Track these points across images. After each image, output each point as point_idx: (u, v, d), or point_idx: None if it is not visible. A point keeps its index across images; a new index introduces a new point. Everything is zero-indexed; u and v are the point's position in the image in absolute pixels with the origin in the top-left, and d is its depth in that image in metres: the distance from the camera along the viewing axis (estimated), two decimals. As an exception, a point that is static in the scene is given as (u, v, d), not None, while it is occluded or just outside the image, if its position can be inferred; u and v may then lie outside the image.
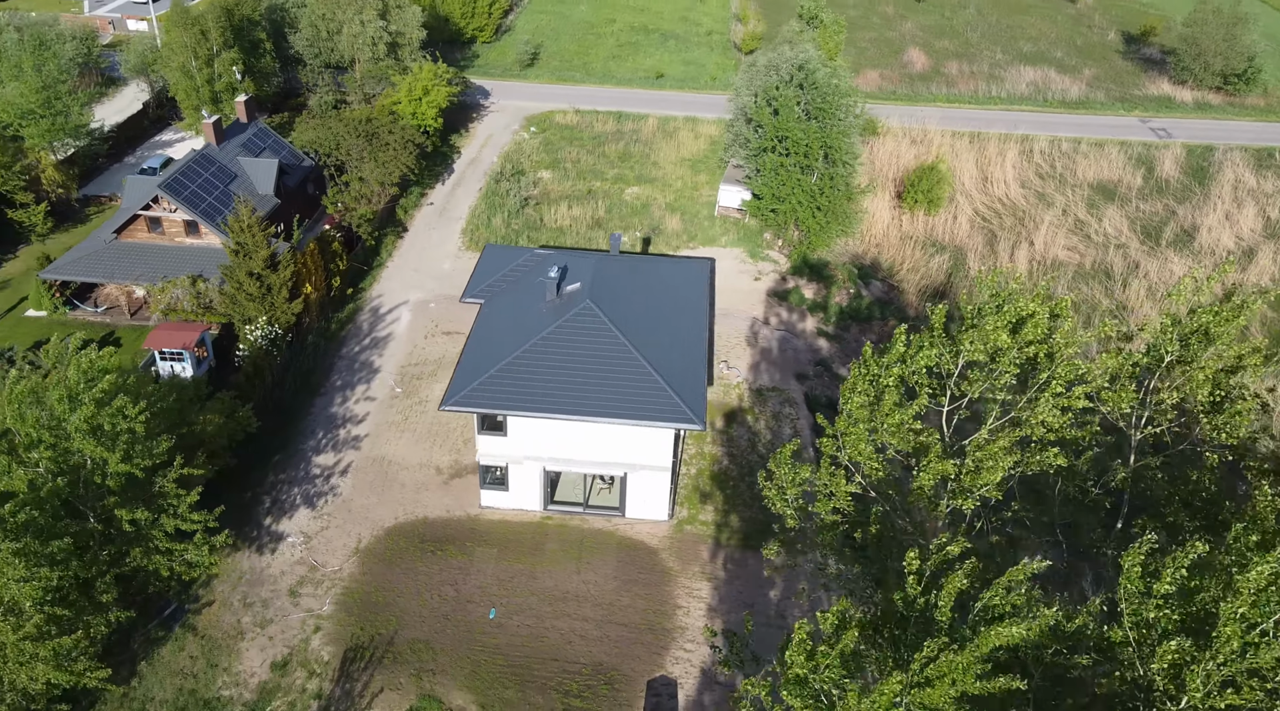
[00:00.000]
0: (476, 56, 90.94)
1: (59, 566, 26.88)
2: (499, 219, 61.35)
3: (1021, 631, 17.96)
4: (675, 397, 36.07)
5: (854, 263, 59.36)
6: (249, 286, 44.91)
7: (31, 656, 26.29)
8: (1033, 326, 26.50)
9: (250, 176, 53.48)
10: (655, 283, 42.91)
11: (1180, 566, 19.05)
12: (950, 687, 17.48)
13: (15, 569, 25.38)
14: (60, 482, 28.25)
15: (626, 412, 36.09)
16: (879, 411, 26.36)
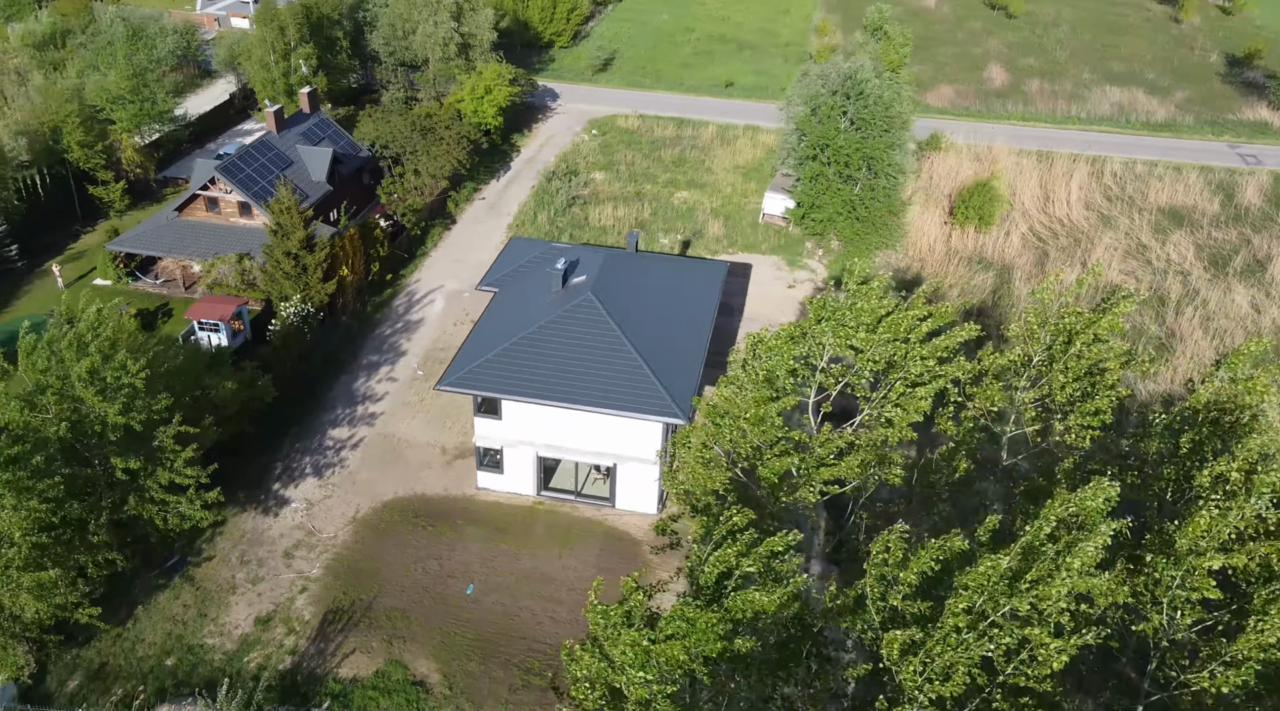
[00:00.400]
0: (553, 60, 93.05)
1: (50, 503, 29.02)
2: (544, 216, 62.76)
3: (764, 599, 17.90)
4: (663, 391, 36.45)
5: (894, 276, 58.44)
6: (285, 265, 47.29)
7: (17, 585, 28.47)
8: (890, 325, 26.86)
9: (306, 163, 56.22)
10: (664, 281, 43.37)
11: (928, 559, 19.09)
12: (690, 642, 17.79)
13: (3, 499, 27.60)
14: (64, 428, 30.49)
15: (616, 404, 36.63)
16: (743, 403, 26.92)
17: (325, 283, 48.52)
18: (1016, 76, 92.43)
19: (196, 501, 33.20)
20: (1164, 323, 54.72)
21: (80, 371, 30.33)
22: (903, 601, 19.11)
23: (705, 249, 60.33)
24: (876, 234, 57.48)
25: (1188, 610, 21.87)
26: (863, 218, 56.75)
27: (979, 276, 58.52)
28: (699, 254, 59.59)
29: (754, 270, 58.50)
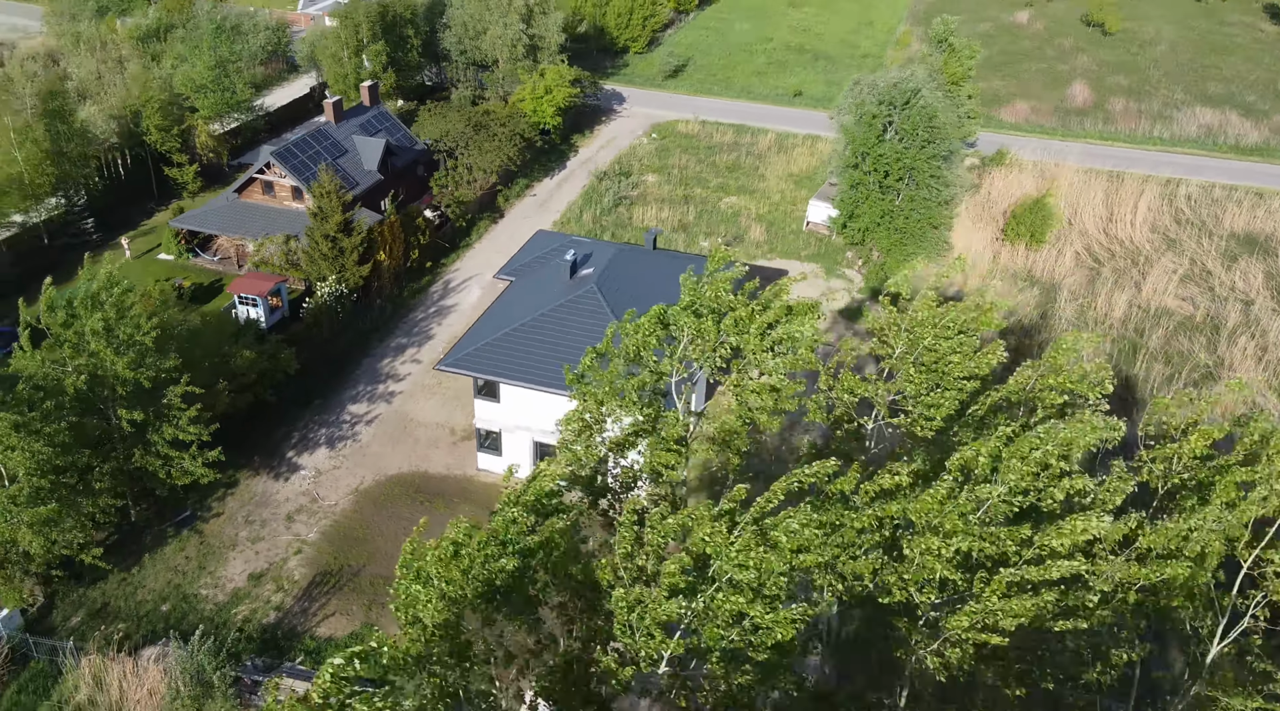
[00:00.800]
0: (626, 65, 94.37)
1: (57, 447, 31.33)
2: (590, 214, 63.85)
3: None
4: (652, 383, 36.85)
5: (936, 290, 57.28)
6: (323, 247, 49.56)
7: (18, 520, 30.83)
8: (736, 316, 27.27)
9: (359, 152, 58.71)
10: (671, 276, 43.71)
11: (673, 524, 19.68)
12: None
13: (10, 438, 29.96)
14: (80, 379, 32.88)
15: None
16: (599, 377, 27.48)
17: (361, 266, 50.61)
18: (1101, 94, 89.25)
19: (199, 458, 35.26)
20: (1215, 350, 52.17)
21: (93, 325, 32.65)
22: (644, 561, 19.24)
23: (744, 253, 60.31)
24: (915, 245, 56.49)
25: (928, 589, 22.16)
26: (900, 228, 55.89)
27: (1024, 294, 56.93)
28: (735, 259, 59.60)
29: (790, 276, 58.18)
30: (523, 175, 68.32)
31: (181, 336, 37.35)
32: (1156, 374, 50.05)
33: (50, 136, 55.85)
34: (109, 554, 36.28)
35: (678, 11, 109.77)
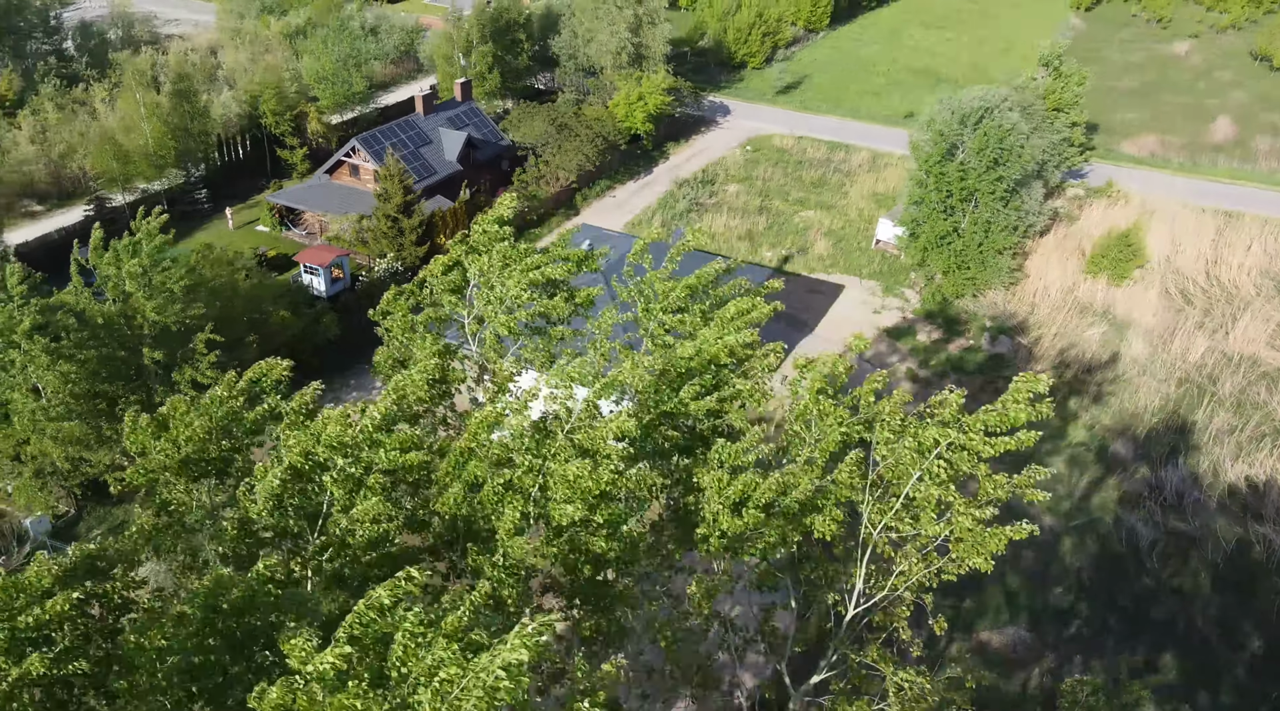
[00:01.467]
0: (741, 79, 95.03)
1: (85, 370, 35.20)
2: (660, 218, 64.93)
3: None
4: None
5: (996, 318, 55.11)
6: (383, 225, 52.85)
7: (42, 431, 34.77)
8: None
9: (442, 144, 62.13)
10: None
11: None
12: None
13: (42, 359, 33.96)
14: (112, 312, 36.74)
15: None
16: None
17: (418, 246, 53.60)
18: (1247, 131, 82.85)
19: (215, 401, 38.50)
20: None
21: (130, 268, 36.42)
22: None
23: (804, 266, 59.87)
24: (975, 271, 54.45)
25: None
26: (959, 252, 54.03)
27: (1092, 330, 53.84)
28: (796, 270, 59.25)
29: (845, 291, 57.36)
30: (605, 177, 70.17)
31: (221, 291, 40.98)
32: (1220, 422, 46.33)
33: (177, 114, 62.07)
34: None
35: (807, 30, 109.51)
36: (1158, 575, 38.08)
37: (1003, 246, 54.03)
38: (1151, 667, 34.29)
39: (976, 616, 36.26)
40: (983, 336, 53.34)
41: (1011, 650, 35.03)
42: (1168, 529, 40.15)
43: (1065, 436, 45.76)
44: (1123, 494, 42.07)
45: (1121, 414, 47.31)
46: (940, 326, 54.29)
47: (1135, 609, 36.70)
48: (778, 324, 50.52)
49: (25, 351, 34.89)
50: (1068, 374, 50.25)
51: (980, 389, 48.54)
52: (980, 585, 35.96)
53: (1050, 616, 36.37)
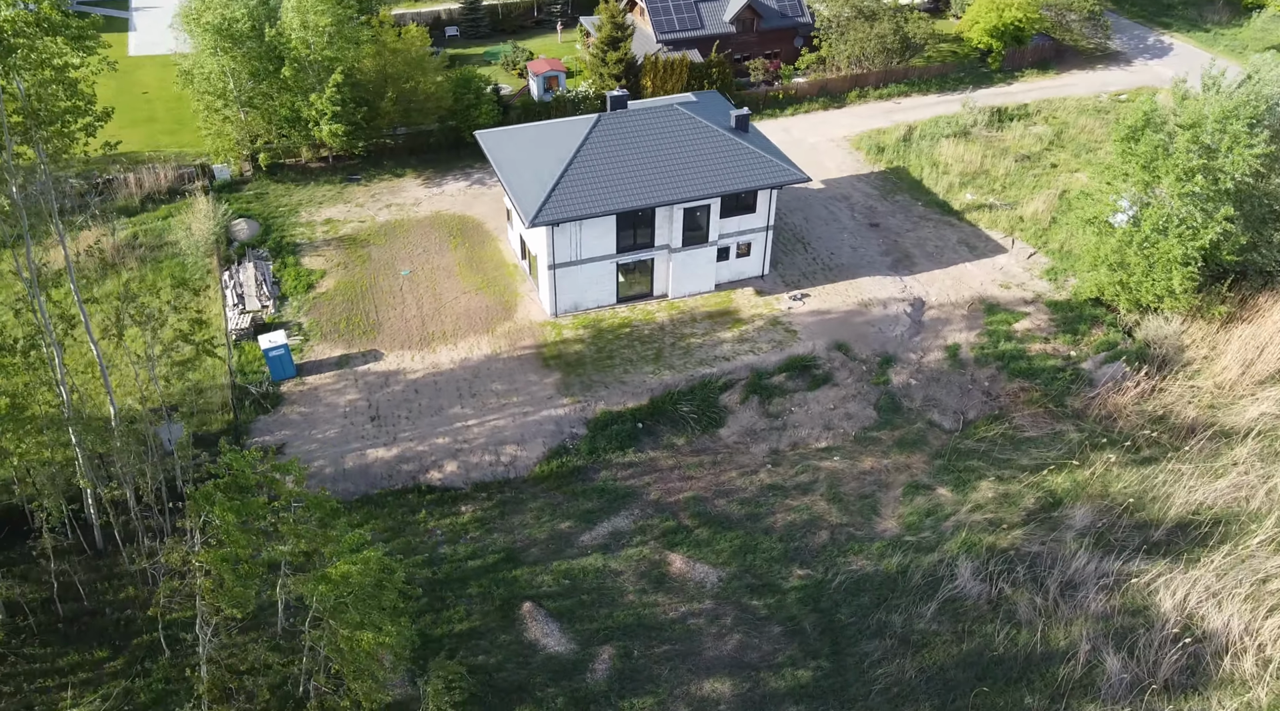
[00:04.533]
0: (1239, 25, 75.79)
1: (250, 71, 48.99)
2: (898, 140, 59.55)
3: None
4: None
5: (1144, 337, 42.67)
6: (595, 50, 58.33)
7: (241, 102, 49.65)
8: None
9: (725, 3, 63.89)
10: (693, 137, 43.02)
11: None
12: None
13: (206, 51, 48.13)
14: (273, 34, 49.33)
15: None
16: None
17: (617, 80, 58.16)
18: None
19: (327, 127, 49.95)
20: None
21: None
22: None
23: (991, 221, 51.40)
24: (1142, 277, 42.08)
25: None
26: (1131, 245, 42.05)
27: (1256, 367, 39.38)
28: (974, 221, 51.35)
29: (997, 257, 48.55)
30: (906, 82, 65.08)
31: (386, 52, 52.13)
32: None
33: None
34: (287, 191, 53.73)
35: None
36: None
37: (1188, 258, 40.73)
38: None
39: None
40: (1089, 354, 42.16)
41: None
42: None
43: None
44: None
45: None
46: (1064, 318, 43.99)
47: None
48: (884, 256, 46.81)
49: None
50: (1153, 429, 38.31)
51: (1030, 428, 39.99)
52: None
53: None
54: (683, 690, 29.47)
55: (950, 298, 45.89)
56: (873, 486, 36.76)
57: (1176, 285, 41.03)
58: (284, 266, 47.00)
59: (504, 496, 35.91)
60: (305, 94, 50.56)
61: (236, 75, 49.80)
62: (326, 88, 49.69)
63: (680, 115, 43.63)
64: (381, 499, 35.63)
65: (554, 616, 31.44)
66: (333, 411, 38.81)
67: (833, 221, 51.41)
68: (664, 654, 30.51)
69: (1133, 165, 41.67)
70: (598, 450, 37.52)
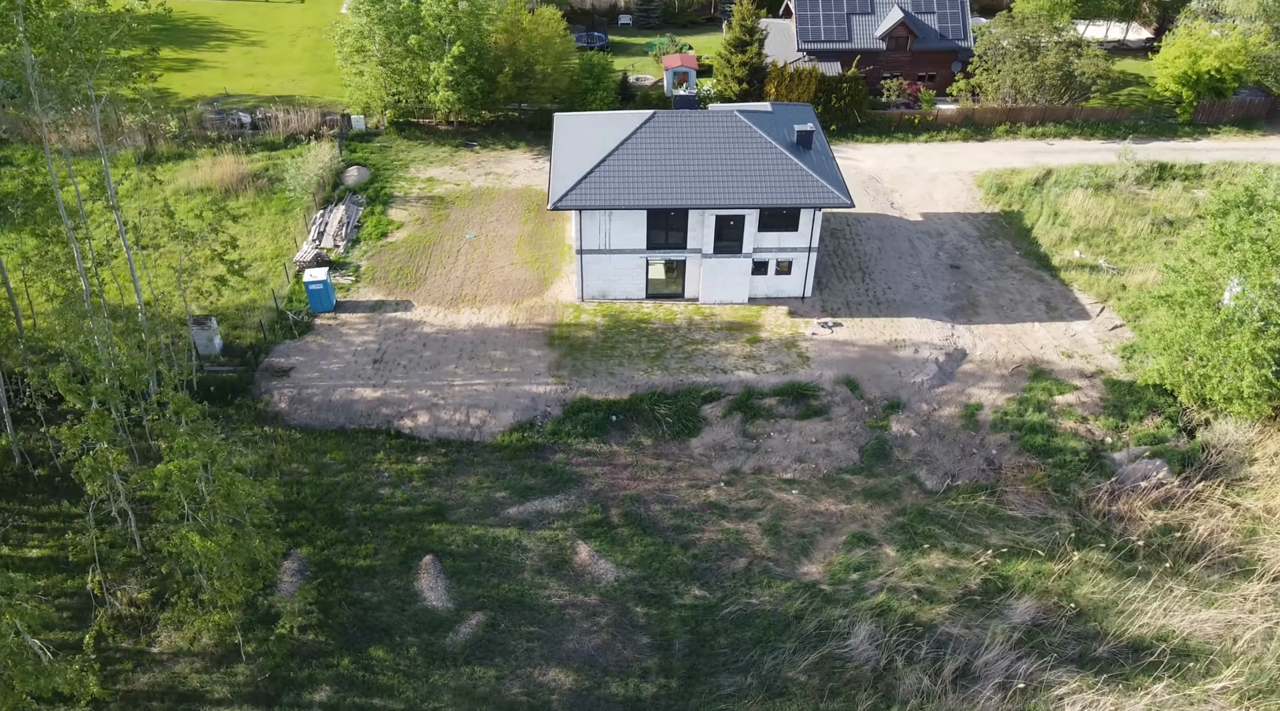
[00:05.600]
0: None
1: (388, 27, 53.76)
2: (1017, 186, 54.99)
3: None
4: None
5: (1206, 440, 37.44)
6: (723, 51, 58.28)
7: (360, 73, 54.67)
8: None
9: (878, 19, 61.49)
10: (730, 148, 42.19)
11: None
12: None
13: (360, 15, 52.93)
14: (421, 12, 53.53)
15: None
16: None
17: (739, 84, 57.85)
18: None
19: (442, 94, 53.69)
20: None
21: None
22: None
23: (1088, 283, 46.68)
24: (1211, 369, 36.82)
25: None
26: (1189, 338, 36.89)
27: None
28: (1067, 279, 46.85)
29: (1076, 324, 44.12)
30: (1068, 123, 59.92)
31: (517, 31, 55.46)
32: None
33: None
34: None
35: None
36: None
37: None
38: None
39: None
40: (1126, 445, 37.54)
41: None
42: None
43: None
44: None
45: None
46: (1120, 400, 39.48)
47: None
48: (946, 300, 44.58)
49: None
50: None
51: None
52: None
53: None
54: (526, 672, 29.98)
55: (998, 355, 42.39)
56: (817, 528, 35.10)
57: (1246, 387, 35.72)
58: (370, 213, 51.16)
59: (459, 456, 37.63)
60: (430, 60, 54.44)
61: (375, 35, 54.49)
62: (446, 57, 53.26)
63: (735, 122, 43.11)
64: (354, 434, 38.44)
65: (447, 574, 32.85)
66: (346, 348, 42.15)
67: (909, 255, 48.73)
68: (528, 634, 31.10)
69: (1221, 244, 36.61)
70: (562, 432, 38.33)
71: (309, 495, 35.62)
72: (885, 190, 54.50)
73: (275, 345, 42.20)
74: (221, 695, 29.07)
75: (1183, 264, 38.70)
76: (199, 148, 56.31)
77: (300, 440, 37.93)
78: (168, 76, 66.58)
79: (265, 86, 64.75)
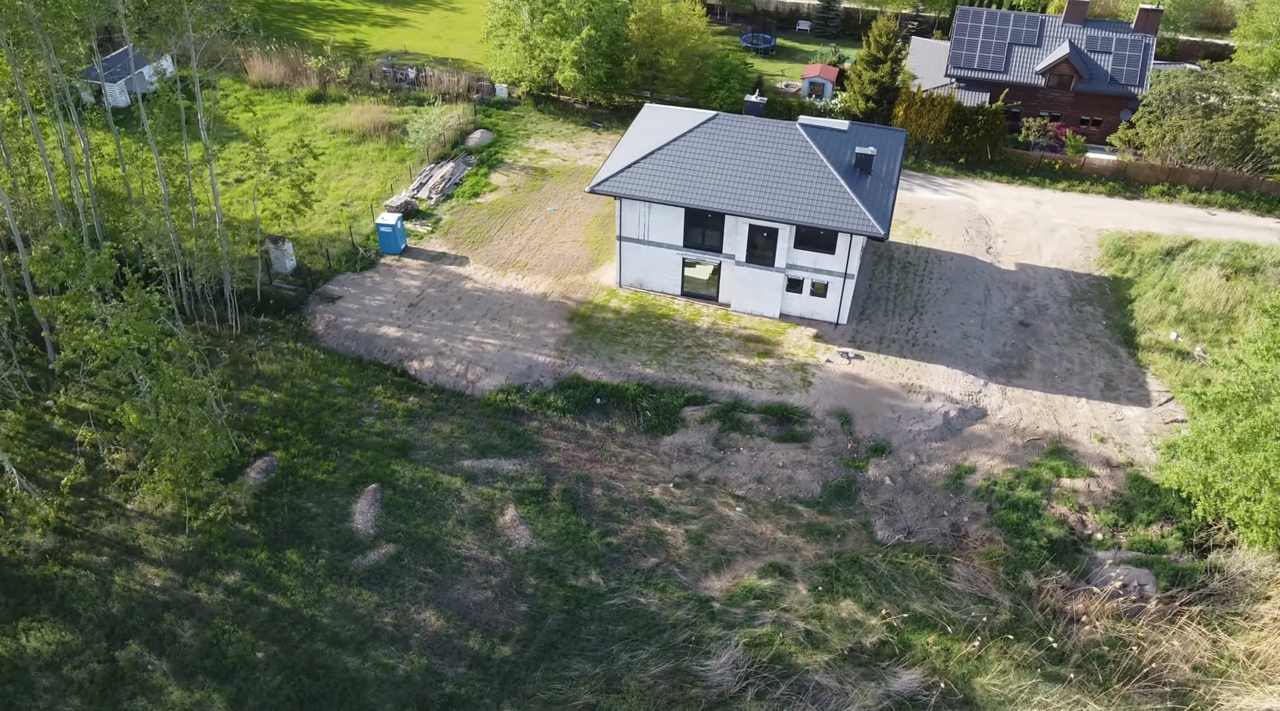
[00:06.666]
0: None
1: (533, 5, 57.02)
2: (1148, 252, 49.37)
3: None
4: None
5: (1216, 563, 32.89)
6: (857, 68, 56.68)
7: (501, 45, 58.24)
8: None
9: (1046, 52, 57.15)
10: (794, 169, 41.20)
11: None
12: None
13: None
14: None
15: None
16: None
17: (867, 101, 56.06)
18: None
19: (567, 73, 56.24)
20: None
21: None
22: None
23: (1167, 367, 41.78)
24: (1234, 482, 32.20)
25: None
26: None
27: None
28: (1144, 360, 42.14)
29: (1129, 409, 39.77)
30: (1243, 194, 53.21)
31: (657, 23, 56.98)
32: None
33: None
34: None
35: None
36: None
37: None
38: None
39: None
40: (1116, 545, 33.60)
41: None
42: None
43: None
44: None
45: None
46: (1117, 502, 35.47)
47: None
48: (992, 356, 42.23)
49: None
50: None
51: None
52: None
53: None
54: (403, 606, 32.02)
55: (1020, 422, 39.14)
56: (742, 548, 34.47)
57: (1260, 511, 31.10)
58: (474, 174, 54.73)
59: (446, 404, 40.13)
60: (562, 39, 57.06)
61: (520, 10, 57.85)
62: (575, 39, 55.66)
63: (793, 135, 42.32)
64: (366, 365, 41.95)
65: (382, 504, 35.50)
66: (393, 288, 45.77)
67: (976, 303, 45.67)
68: (423, 574, 33.11)
69: (1275, 348, 31.92)
70: (544, 403, 39.84)
71: (306, 409, 39.49)
72: (989, 233, 51.07)
73: (337, 275, 46.60)
74: (156, 556, 33.40)
75: (1231, 361, 34.04)
76: (362, 95, 62.38)
77: (321, 360, 41.96)
78: (370, 30, 74.36)
79: (444, 48, 70.29)
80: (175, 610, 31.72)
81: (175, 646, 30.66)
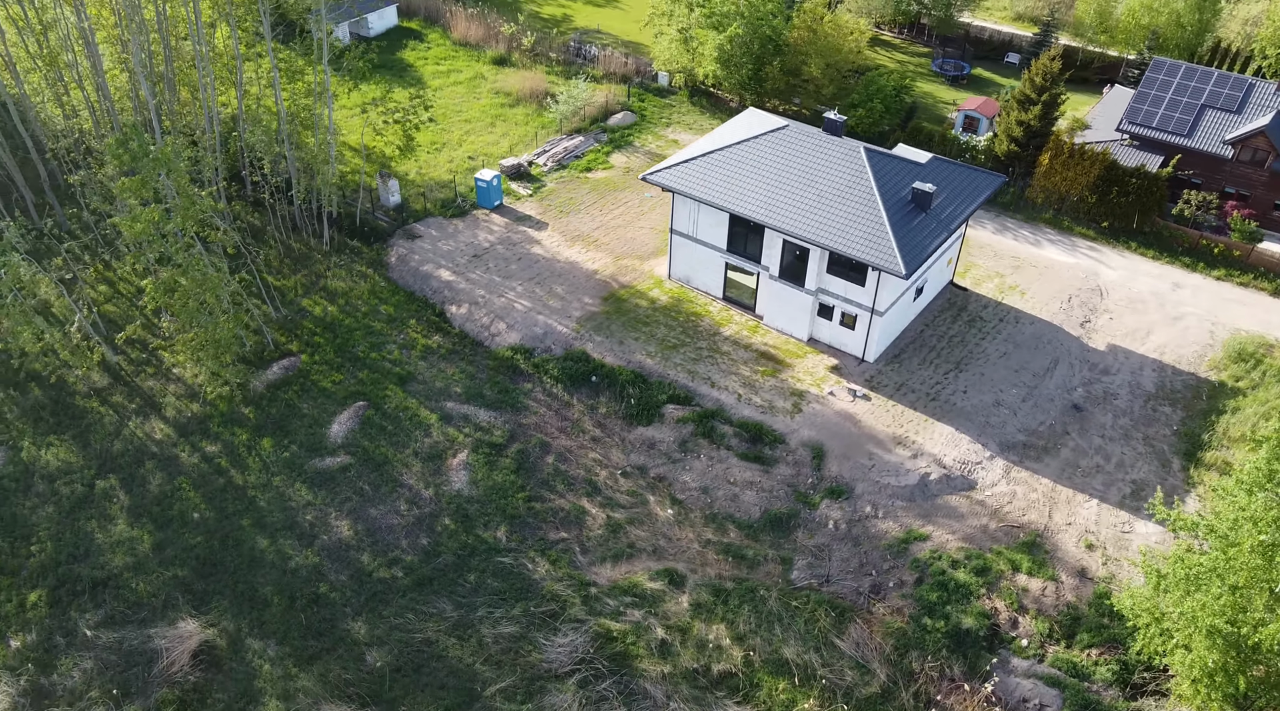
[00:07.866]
0: None
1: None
2: None
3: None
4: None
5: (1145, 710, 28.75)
6: (1008, 108, 52.61)
7: (660, 34, 59.79)
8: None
9: (1244, 123, 50.04)
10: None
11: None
12: None
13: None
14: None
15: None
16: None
17: (1011, 143, 51.95)
18: None
19: (707, 67, 56.77)
20: None
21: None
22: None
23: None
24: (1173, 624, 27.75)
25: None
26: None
27: None
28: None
29: (1131, 529, 34.97)
30: None
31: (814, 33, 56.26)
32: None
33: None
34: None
35: None
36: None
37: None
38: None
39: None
40: (1042, 655, 29.98)
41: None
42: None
43: None
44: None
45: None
46: (1069, 614, 31.58)
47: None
48: (1018, 433, 39.90)
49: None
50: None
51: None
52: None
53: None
54: (326, 511, 35.31)
55: (1013, 504, 35.66)
56: (650, 547, 34.51)
57: (1191, 661, 26.80)
58: (597, 150, 56.97)
59: (461, 350, 42.91)
60: (713, 33, 57.63)
61: (679, 1, 59.09)
62: (722, 35, 56.10)
63: (853, 157, 40.67)
64: (413, 299, 45.64)
65: (360, 421, 39.01)
66: (469, 237, 49.15)
67: (1031, 374, 41.62)
68: (358, 489, 36.25)
69: (1250, 481, 27.15)
70: (544, 369, 41.56)
71: (345, 325, 43.87)
72: (1096, 307, 45.95)
73: (428, 216, 50.76)
74: (169, 414, 39.03)
75: (1225, 491, 29.15)
76: (537, 64, 66.47)
77: (380, 287, 46.22)
78: (578, 8, 78.51)
79: (638, 33, 72.90)
80: (157, 461, 37.09)
81: (141, 489, 35.95)
